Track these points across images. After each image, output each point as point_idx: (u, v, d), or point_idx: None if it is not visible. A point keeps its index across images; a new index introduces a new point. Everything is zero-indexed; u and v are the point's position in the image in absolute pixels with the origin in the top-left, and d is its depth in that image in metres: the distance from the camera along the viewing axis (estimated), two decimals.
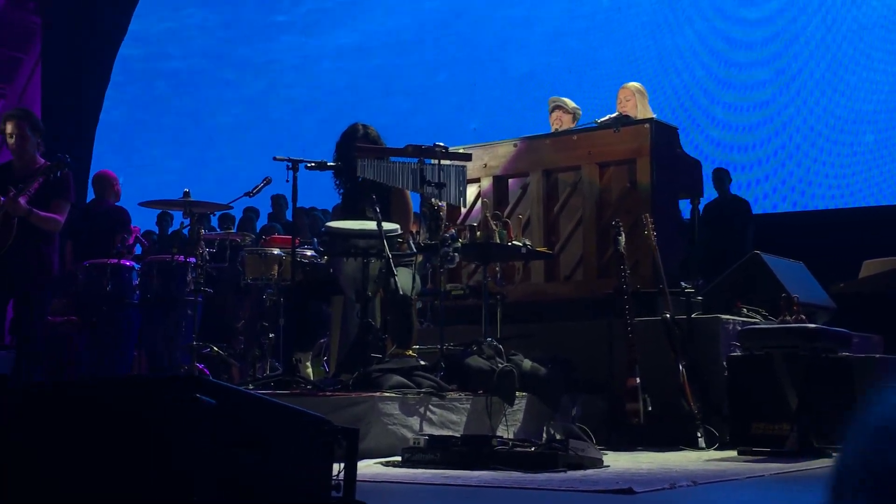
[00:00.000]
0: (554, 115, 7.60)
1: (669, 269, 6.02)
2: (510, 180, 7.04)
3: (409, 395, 4.82)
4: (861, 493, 1.03)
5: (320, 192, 7.08)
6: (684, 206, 7.13)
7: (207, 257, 6.79)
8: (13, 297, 6.24)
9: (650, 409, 5.40)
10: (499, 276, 6.12)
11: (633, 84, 7.23)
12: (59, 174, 5.96)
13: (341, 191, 6.04)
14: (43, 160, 6.25)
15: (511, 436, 4.98)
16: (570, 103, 7.61)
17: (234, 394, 2.18)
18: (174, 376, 4.62)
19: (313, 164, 5.78)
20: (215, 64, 15.15)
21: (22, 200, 5.87)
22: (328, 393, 4.87)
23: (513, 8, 13.44)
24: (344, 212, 6.01)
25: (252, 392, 2.38)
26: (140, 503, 2.06)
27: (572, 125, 7.46)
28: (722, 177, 10.17)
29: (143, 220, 10.94)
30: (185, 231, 6.69)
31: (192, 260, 6.70)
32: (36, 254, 6.05)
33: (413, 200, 6.14)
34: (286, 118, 14.39)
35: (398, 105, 13.30)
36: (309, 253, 6.59)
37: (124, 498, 2.08)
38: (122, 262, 7.33)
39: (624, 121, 6.68)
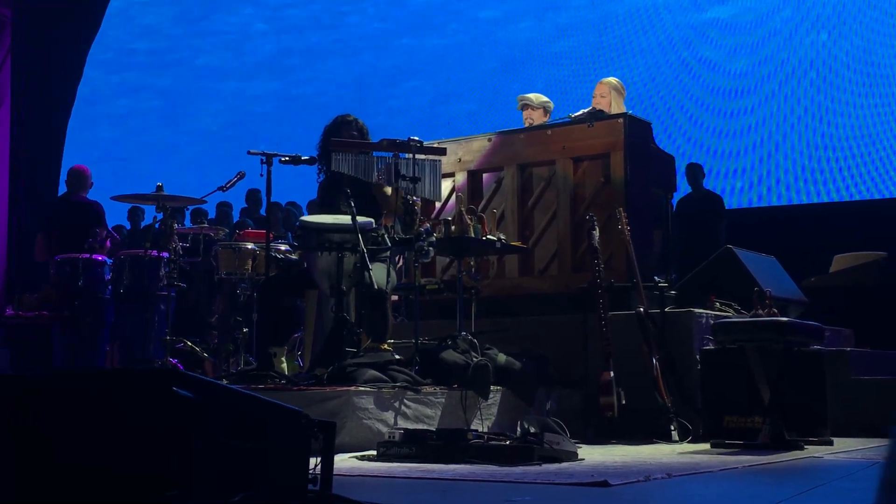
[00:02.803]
0: (524, 113, 7.57)
1: (643, 263, 6.05)
2: (485, 175, 7.05)
3: (384, 390, 4.82)
4: None
5: (295, 186, 7.06)
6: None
7: (181, 251, 6.76)
8: None
9: (624, 402, 5.42)
10: (473, 270, 6.13)
11: (611, 79, 7.23)
12: None
13: (321, 178, 6.00)
14: None
15: (486, 430, 4.99)
16: (537, 98, 7.56)
17: (210, 387, 2.18)
18: (151, 369, 4.60)
19: (287, 159, 5.77)
20: (190, 55, 15.08)
21: None
22: (302, 387, 4.86)
23: (489, 2, 13.45)
24: (321, 206, 5.99)
25: (229, 385, 2.38)
26: (118, 496, 2.05)
27: (545, 119, 7.45)
28: (695, 172, 10.23)
29: (115, 214, 10.88)
30: (158, 225, 6.65)
31: (166, 254, 6.67)
32: None
33: None
34: (261, 113, 14.35)
35: (374, 99, 13.29)
36: (283, 247, 6.57)
37: (98, 493, 2.07)
38: (94, 256, 7.29)
39: (598, 115, 6.70)
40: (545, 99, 7.61)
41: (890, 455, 1.13)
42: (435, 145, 6.12)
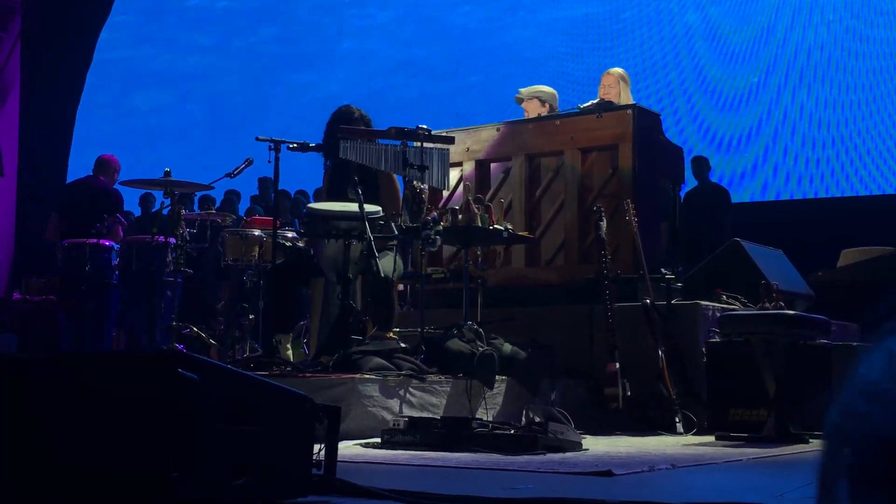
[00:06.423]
0: (523, 107, 7.48)
1: (650, 255, 6.04)
2: (492, 164, 7.04)
3: (389, 378, 4.82)
4: (848, 452, 1.05)
5: (304, 173, 7.05)
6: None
7: (188, 238, 6.77)
8: None
9: (629, 394, 5.42)
10: (480, 260, 6.12)
11: (617, 70, 7.21)
12: None
13: (328, 165, 6.00)
14: None
15: (490, 419, 4.98)
16: (527, 91, 7.46)
17: (217, 370, 2.18)
18: (155, 351, 4.61)
19: (295, 146, 5.76)
20: (201, 44, 15.08)
21: None
22: (308, 374, 4.87)
23: None
24: (329, 194, 5.99)
25: (233, 369, 2.37)
26: (121, 478, 2.06)
27: (541, 108, 7.34)
28: (701, 164, 10.20)
29: (126, 200, 10.89)
30: (166, 211, 6.66)
31: (173, 240, 6.67)
32: None
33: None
34: (269, 100, 14.35)
35: (383, 88, 13.28)
36: (290, 235, 6.58)
37: (100, 474, 2.07)
38: (101, 241, 7.29)
39: (607, 106, 6.68)
40: (535, 88, 7.48)
41: (824, 454, 1.12)
42: (443, 134, 6.12)
